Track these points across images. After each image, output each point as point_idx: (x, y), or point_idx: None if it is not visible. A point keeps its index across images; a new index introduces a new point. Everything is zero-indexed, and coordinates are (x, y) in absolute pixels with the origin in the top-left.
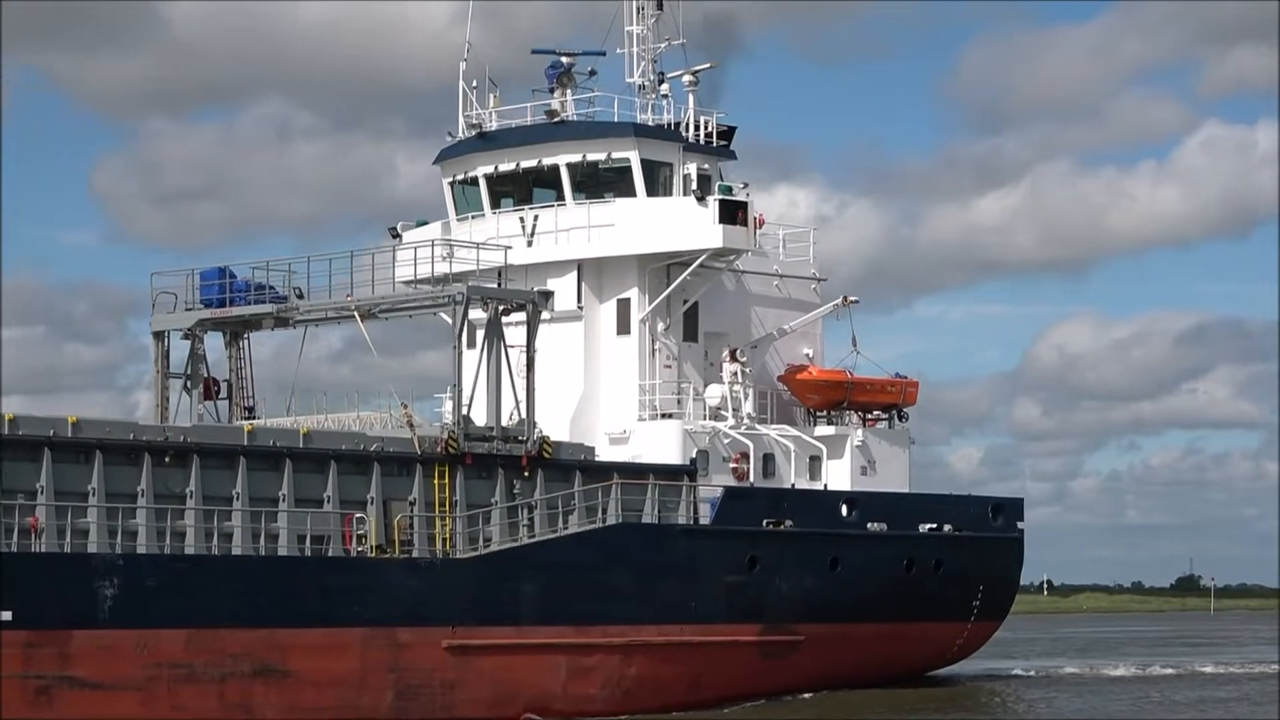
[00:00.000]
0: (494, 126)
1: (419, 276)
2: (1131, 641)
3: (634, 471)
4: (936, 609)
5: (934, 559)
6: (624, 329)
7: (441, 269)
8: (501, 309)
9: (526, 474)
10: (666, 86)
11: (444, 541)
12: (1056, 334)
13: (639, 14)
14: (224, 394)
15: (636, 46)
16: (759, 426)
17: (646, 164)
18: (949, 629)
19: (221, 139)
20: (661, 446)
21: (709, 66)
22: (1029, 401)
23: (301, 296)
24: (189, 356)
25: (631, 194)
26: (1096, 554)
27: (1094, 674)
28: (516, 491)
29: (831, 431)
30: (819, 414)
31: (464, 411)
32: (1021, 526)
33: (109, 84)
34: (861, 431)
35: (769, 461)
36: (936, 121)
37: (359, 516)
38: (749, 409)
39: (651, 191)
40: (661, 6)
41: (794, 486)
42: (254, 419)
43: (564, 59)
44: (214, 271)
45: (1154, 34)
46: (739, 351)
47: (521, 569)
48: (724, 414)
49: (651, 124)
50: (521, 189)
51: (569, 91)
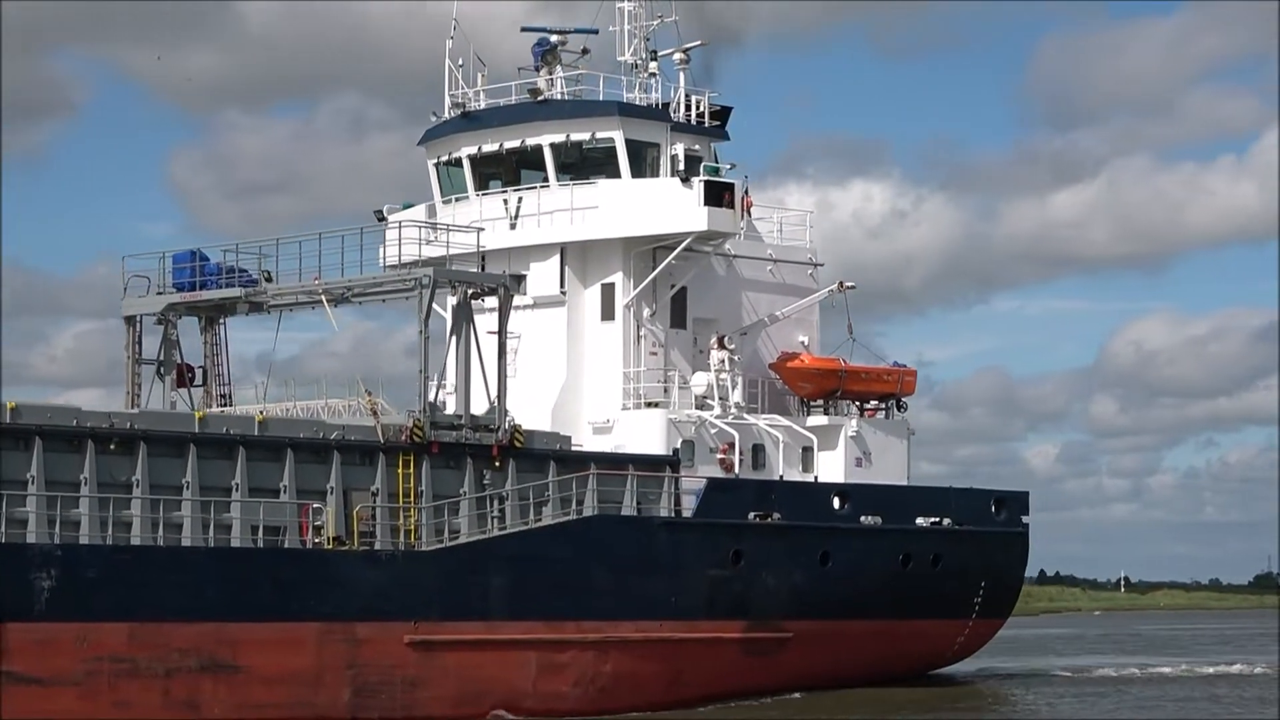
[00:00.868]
0: (481, 106)
1: (403, 260)
2: (1200, 639)
3: (612, 462)
4: (934, 606)
5: (931, 554)
6: (608, 315)
7: (424, 252)
8: (471, 293)
9: (497, 464)
10: (655, 65)
11: (409, 533)
12: (1133, 330)
13: None
14: (199, 381)
15: (627, 24)
16: (747, 416)
17: (632, 144)
18: (948, 627)
19: (296, 133)
20: (645, 436)
21: (699, 44)
22: (1106, 398)
23: (270, 280)
24: (161, 342)
25: (617, 175)
26: (1174, 551)
27: (1107, 675)
28: (487, 482)
29: (824, 422)
30: (813, 404)
31: (430, 399)
32: (1027, 520)
33: (185, 77)
34: (856, 422)
35: (759, 453)
36: (1013, 116)
37: (316, 507)
38: (737, 398)
39: (638, 173)
40: None
41: (782, 478)
42: (231, 407)
43: (552, 37)
44: (186, 255)
45: (1231, 29)
46: (727, 338)
47: (490, 562)
48: (710, 403)
49: (640, 103)
50: (509, 170)
51: (555, 70)
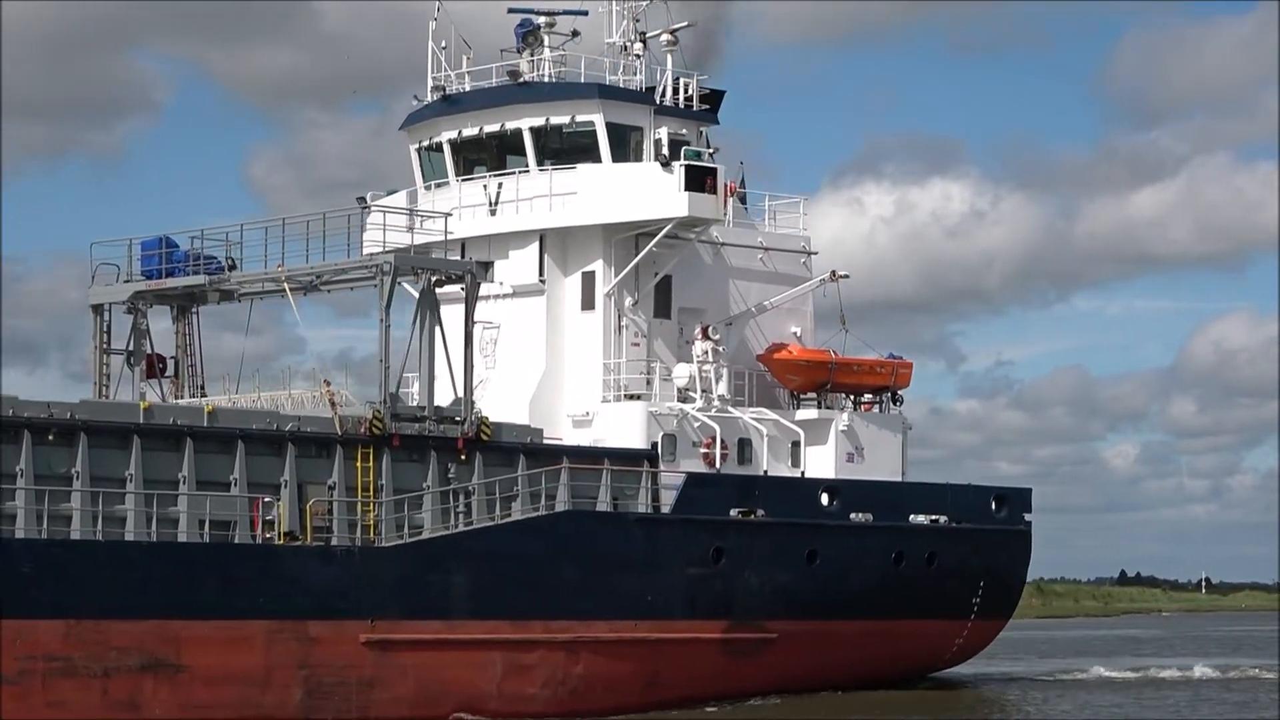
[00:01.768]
0: (467, 89)
1: (387, 248)
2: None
3: (587, 456)
4: (930, 606)
5: (926, 552)
6: (589, 304)
7: (406, 239)
8: (436, 280)
9: (463, 457)
10: (640, 46)
11: (368, 529)
12: (1213, 330)
13: None
14: (171, 372)
15: (615, 4)
16: (732, 409)
17: (613, 128)
18: (946, 628)
19: (374, 130)
20: (624, 429)
21: (686, 25)
22: (1185, 398)
23: (234, 267)
24: (131, 331)
25: (599, 160)
26: (1254, 552)
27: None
28: (451, 476)
29: (814, 415)
30: (803, 397)
31: (392, 390)
32: (1029, 518)
33: (262, 75)
34: (847, 415)
35: (745, 447)
36: (1092, 114)
37: (267, 500)
38: (722, 390)
39: (621, 157)
40: None
41: (766, 473)
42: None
43: (539, 19)
44: (154, 241)
45: None
46: (711, 328)
47: (452, 559)
48: (693, 395)
49: (624, 86)
50: (494, 155)
51: (536, 52)
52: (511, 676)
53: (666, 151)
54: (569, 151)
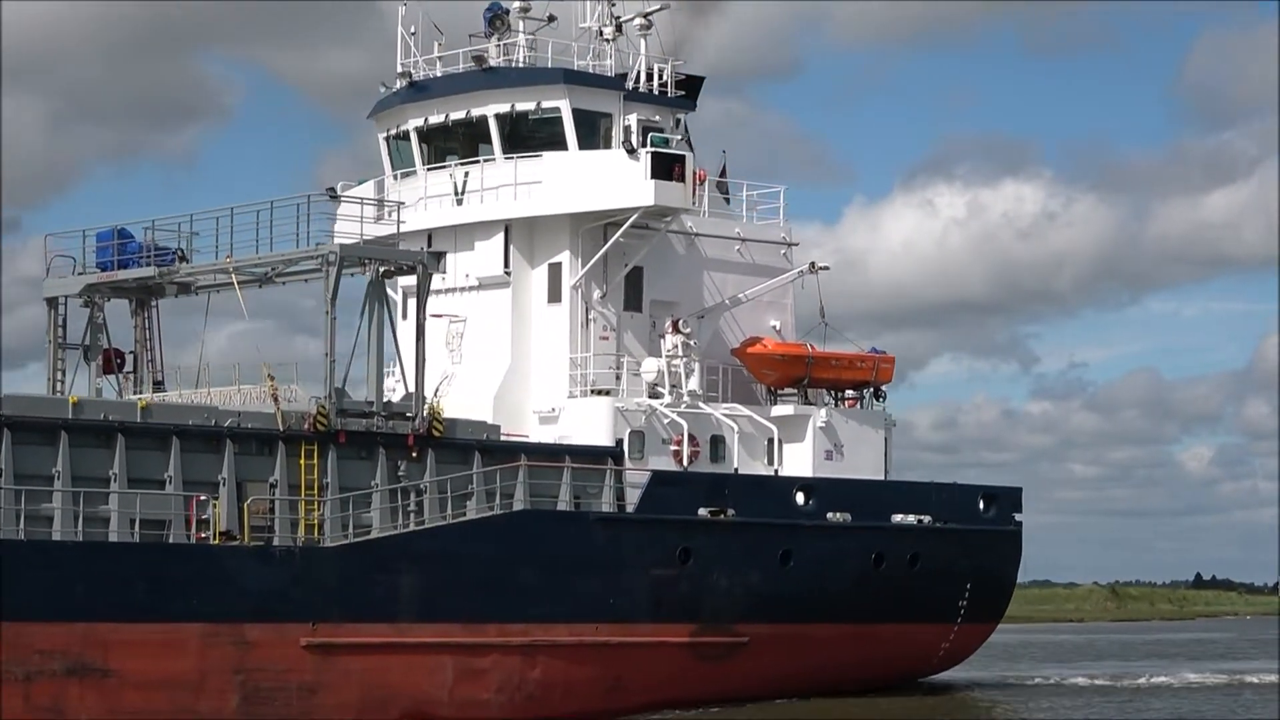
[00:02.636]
0: (438, 75)
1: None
2: None
3: (547, 453)
4: (913, 609)
5: (909, 553)
6: (555, 296)
7: (374, 231)
8: (384, 271)
9: (414, 455)
10: (612, 30)
11: (313, 529)
12: None
13: None
14: (130, 366)
15: None
16: (703, 405)
17: (581, 114)
18: (930, 631)
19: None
20: (590, 426)
21: (660, 8)
22: (1259, 400)
23: (185, 259)
24: (87, 325)
25: (566, 148)
26: None
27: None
28: (402, 474)
29: (790, 411)
30: (781, 393)
31: (337, 385)
32: (1019, 518)
33: (332, 78)
34: (825, 412)
35: (718, 444)
36: (1165, 116)
37: (203, 499)
38: (693, 386)
39: (591, 145)
40: None
41: (737, 471)
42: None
43: (514, 3)
44: (109, 233)
45: None
46: (682, 322)
47: (399, 560)
48: (661, 391)
49: (595, 71)
50: (465, 144)
51: (504, 37)
52: (464, 681)
53: (636, 139)
54: (536, 139)
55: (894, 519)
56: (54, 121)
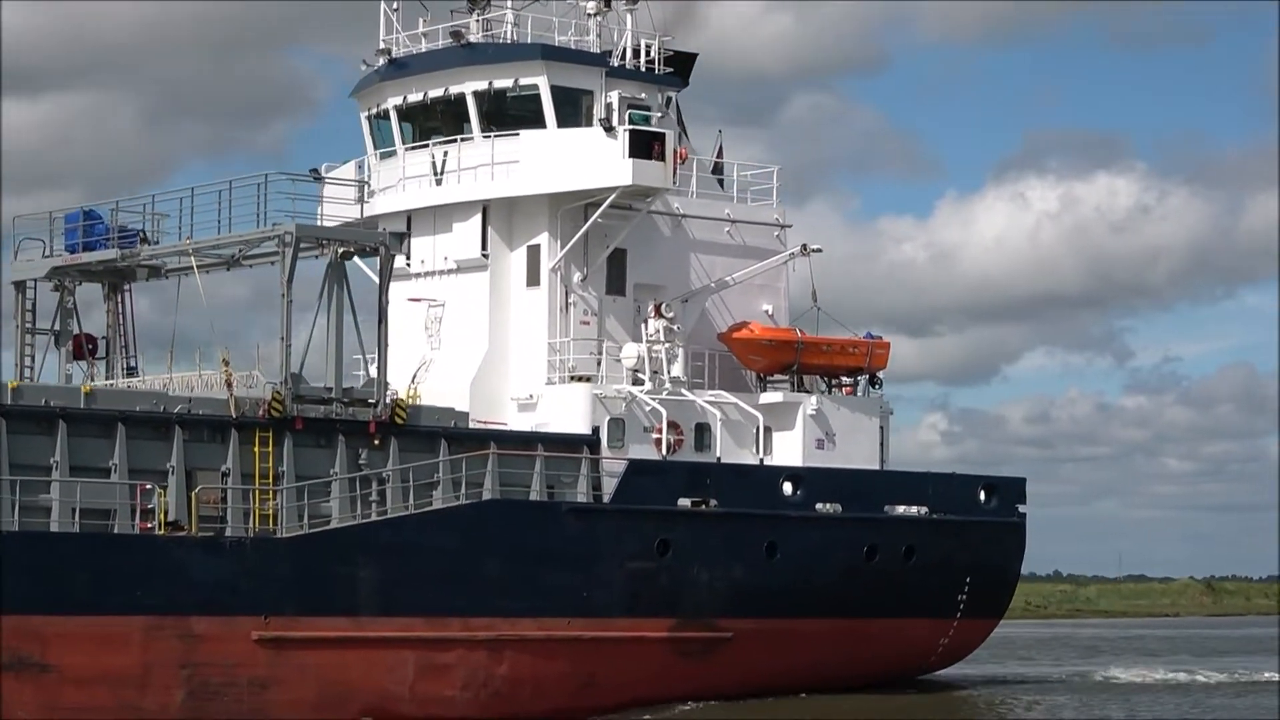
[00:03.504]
0: (424, 50)
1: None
2: None
3: (519, 441)
4: (909, 604)
5: (903, 546)
6: (534, 280)
7: (353, 213)
8: (343, 253)
9: (376, 442)
10: (594, 4)
11: (268, 519)
12: None
13: None
14: (102, 352)
15: None
16: (685, 392)
17: (559, 91)
18: (928, 626)
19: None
20: (568, 413)
21: None
22: None
23: (146, 241)
24: (56, 310)
25: (545, 126)
26: None
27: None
28: (363, 462)
29: (778, 399)
30: (770, 380)
31: (294, 370)
32: (1023, 510)
33: None
34: (816, 399)
35: (704, 433)
36: (1258, 109)
37: (148, 488)
38: (677, 372)
39: (573, 124)
40: None
41: (719, 460)
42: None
43: None
44: (76, 215)
45: None
46: (664, 305)
47: (357, 551)
48: (642, 377)
49: (577, 47)
50: (449, 122)
51: (487, 12)
52: (426, 677)
53: (619, 117)
54: (515, 118)
55: (888, 510)
56: (150, 118)
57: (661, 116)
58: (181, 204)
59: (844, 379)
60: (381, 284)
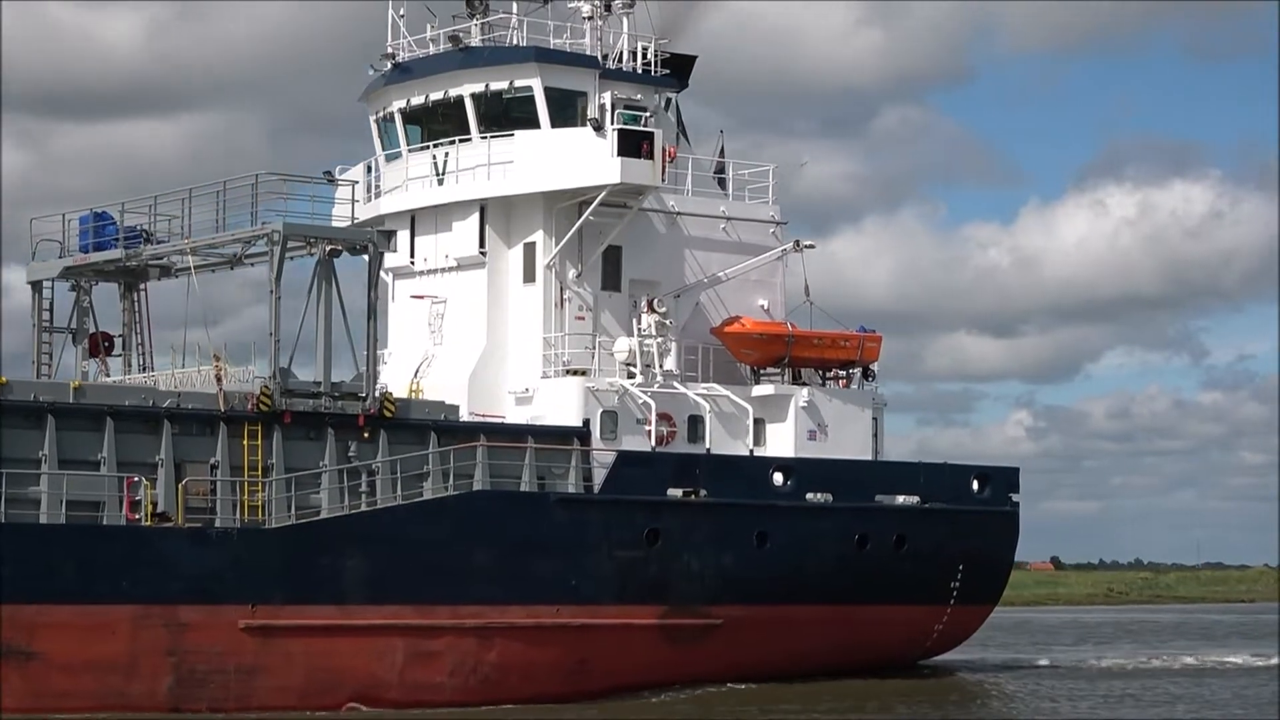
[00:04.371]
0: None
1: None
2: None
3: (509, 434)
4: (900, 591)
5: (894, 534)
6: (530, 276)
7: (362, 213)
8: (331, 250)
9: (366, 435)
10: (593, 6)
11: (258, 510)
12: None
13: None
14: (119, 350)
15: None
16: (678, 385)
17: (554, 92)
18: (921, 614)
19: None
20: (562, 406)
21: None
22: None
23: (149, 241)
24: (73, 309)
25: (539, 127)
26: None
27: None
28: (353, 455)
29: (770, 391)
30: (764, 373)
31: (282, 365)
32: (1016, 499)
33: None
34: (807, 392)
35: (697, 425)
36: None
37: (136, 480)
38: (670, 365)
39: (568, 125)
40: None
41: (709, 451)
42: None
43: None
44: (88, 217)
45: None
46: (657, 300)
47: (345, 541)
48: (634, 370)
49: (572, 50)
50: (451, 124)
51: (482, 16)
52: (414, 664)
53: (611, 117)
54: (512, 119)
55: (880, 500)
56: (273, 135)
57: (650, 116)
58: (184, 204)
59: (839, 371)
60: (370, 280)
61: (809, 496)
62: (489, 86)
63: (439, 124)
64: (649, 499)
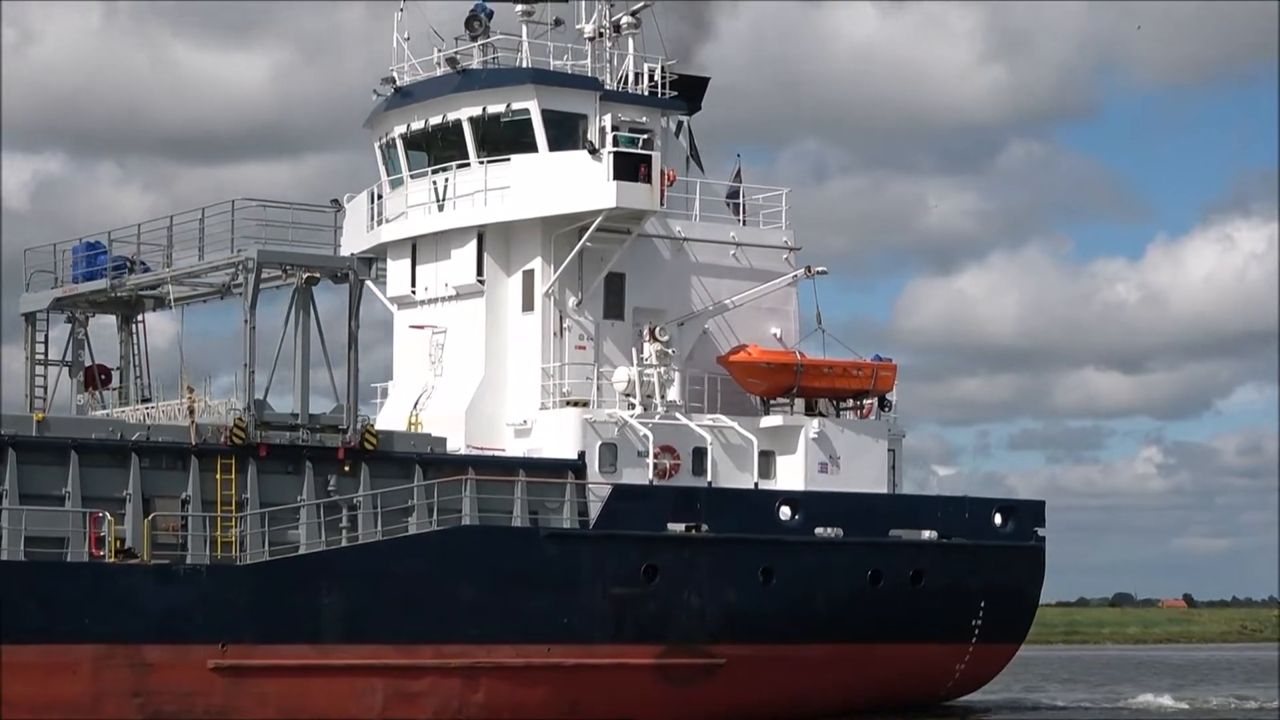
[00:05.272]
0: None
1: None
2: None
3: (499, 466)
4: (918, 629)
5: (910, 570)
6: (528, 305)
7: (367, 240)
8: (308, 278)
9: (346, 469)
10: (596, 27)
11: (232, 546)
12: None
13: None
14: (116, 382)
15: None
16: (680, 416)
17: (552, 115)
18: (940, 652)
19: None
20: (559, 438)
21: (643, 6)
22: None
23: (133, 270)
24: (69, 340)
25: (537, 150)
26: None
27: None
28: (332, 489)
29: (779, 422)
30: (774, 403)
31: (258, 397)
32: (1042, 534)
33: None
34: (818, 422)
35: (701, 457)
36: None
37: (101, 516)
38: (674, 396)
39: (568, 148)
40: None
41: (711, 484)
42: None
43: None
44: (81, 247)
45: None
46: (659, 329)
47: (321, 578)
48: (634, 401)
49: (573, 72)
50: (452, 149)
51: (482, 39)
52: (396, 705)
53: (612, 139)
54: (510, 143)
55: (894, 534)
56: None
57: (646, 138)
58: (169, 233)
59: (856, 401)
60: (351, 310)
61: (818, 531)
62: (486, 110)
63: (440, 149)
64: (644, 534)
